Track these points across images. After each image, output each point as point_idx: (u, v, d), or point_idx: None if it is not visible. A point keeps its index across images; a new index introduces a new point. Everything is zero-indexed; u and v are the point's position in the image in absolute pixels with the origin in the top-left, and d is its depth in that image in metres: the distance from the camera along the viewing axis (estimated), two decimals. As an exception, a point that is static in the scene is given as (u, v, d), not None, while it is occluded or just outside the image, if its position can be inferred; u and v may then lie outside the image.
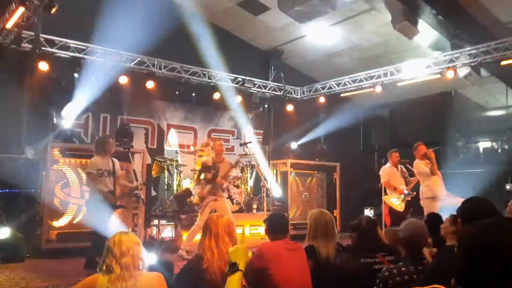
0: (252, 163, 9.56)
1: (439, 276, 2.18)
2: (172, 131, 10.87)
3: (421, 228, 2.98)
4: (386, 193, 8.07)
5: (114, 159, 6.25)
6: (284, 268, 3.27)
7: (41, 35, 8.29)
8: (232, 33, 11.40)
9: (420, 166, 7.48)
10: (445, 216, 3.82)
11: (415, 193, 7.83)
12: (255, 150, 9.88)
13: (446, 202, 7.04)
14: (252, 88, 11.48)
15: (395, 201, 7.85)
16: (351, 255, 3.25)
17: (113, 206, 5.94)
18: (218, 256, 2.94)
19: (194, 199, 6.99)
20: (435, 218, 4.08)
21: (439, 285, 1.44)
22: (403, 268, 2.78)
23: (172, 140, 10.69)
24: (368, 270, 3.09)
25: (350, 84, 11.22)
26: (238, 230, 8.28)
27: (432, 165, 7.29)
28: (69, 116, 8.49)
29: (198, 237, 6.63)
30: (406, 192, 7.83)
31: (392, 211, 7.85)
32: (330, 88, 11.75)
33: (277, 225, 3.62)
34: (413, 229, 2.94)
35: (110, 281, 2.54)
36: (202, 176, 7.09)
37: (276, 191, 9.60)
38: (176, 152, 10.37)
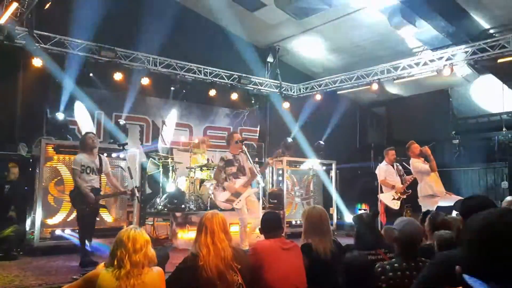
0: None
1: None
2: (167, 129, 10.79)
3: (415, 226, 2.98)
4: (382, 191, 8.05)
5: (102, 156, 6.18)
6: (278, 267, 3.24)
7: (34, 31, 8.21)
8: (228, 29, 11.34)
9: (418, 164, 7.42)
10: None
11: (410, 191, 7.81)
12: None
13: (444, 200, 7.03)
14: (248, 85, 11.44)
15: (391, 200, 7.83)
16: (355, 253, 3.23)
17: (93, 204, 5.90)
18: (214, 252, 2.94)
19: (223, 196, 6.60)
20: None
21: None
22: (396, 264, 2.80)
23: (167, 136, 10.62)
24: (372, 266, 3.07)
25: (347, 81, 11.20)
26: (234, 228, 8.24)
27: (431, 162, 7.24)
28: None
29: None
30: (403, 190, 7.83)
31: (387, 209, 7.83)
32: (326, 85, 11.73)
33: (271, 223, 3.60)
34: (407, 226, 2.94)
35: (119, 276, 2.51)
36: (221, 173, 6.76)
37: (281, 188, 9.65)
38: (171, 149, 10.31)
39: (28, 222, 7.22)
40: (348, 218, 10.27)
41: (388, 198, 7.85)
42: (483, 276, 1.04)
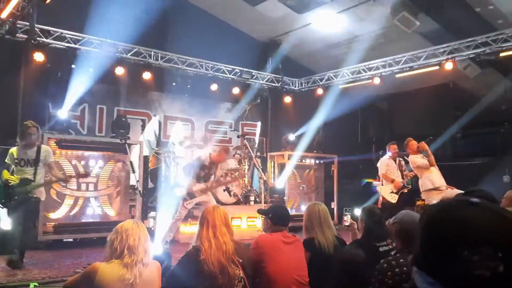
0: (250, 155, 9.52)
1: None
2: (179, 124, 10.76)
3: (416, 220, 2.95)
4: (382, 184, 8.07)
5: (44, 147, 5.90)
6: (279, 261, 3.26)
7: (36, 25, 8.20)
8: (230, 23, 11.31)
9: (416, 160, 7.45)
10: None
11: (410, 186, 7.82)
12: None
13: (446, 194, 7.03)
14: (250, 80, 11.42)
15: (389, 193, 7.86)
16: (355, 247, 3.24)
17: (19, 196, 5.59)
18: (216, 246, 2.95)
19: (179, 191, 6.78)
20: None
21: None
22: (401, 260, 2.75)
23: (175, 134, 10.59)
24: (368, 261, 3.08)
25: (349, 75, 11.18)
26: (236, 222, 8.28)
27: (429, 157, 7.27)
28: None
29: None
30: (402, 184, 7.85)
31: (384, 202, 7.85)
32: (328, 79, 11.70)
33: (282, 216, 3.63)
34: (405, 219, 2.92)
35: (129, 264, 2.56)
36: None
37: (278, 182, 9.66)
38: (173, 144, 10.30)
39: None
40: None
41: (386, 191, 7.87)
42: (425, 270, 0.96)
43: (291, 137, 10.88)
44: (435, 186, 7.19)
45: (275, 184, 9.91)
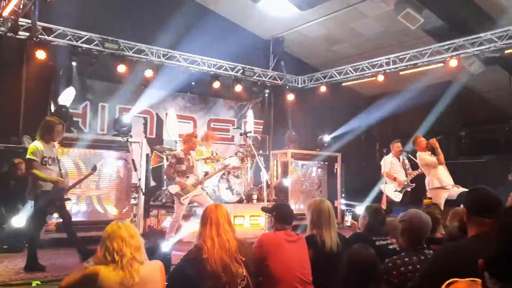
0: (252, 153, 9.48)
1: None
2: (172, 119, 10.67)
3: (423, 219, 2.92)
4: (386, 183, 8.01)
5: (54, 143, 5.69)
6: (282, 260, 3.24)
7: (38, 23, 8.18)
8: (232, 21, 11.26)
9: (425, 157, 7.34)
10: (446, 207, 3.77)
11: (414, 184, 7.76)
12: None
13: (453, 192, 6.97)
14: (252, 77, 11.37)
15: (393, 191, 7.80)
16: (361, 244, 3.21)
17: (60, 202, 5.50)
18: (219, 245, 2.92)
19: (173, 188, 6.82)
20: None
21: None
22: (406, 259, 2.74)
23: (171, 129, 10.53)
24: (383, 251, 3.06)
25: (352, 73, 11.11)
26: (239, 220, 8.25)
27: (439, 155, 7.15)
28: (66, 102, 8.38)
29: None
30: (405, 183, 7.79)
31: (389, 202, 7.79)
32: (331, 77, 11.64)
33: (286, 215, 3.61)
34: (415, 219, 2.89)
35: (123, 266, 2.52)
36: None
37: (282, 181, 9.64)
38: (175, 142, 10.27)
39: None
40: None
41: (390, 190, 7.82)
42: (502, 280, 0.89)
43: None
44: (443, 185, 7.09)
45: (279, 182, 9.88)
